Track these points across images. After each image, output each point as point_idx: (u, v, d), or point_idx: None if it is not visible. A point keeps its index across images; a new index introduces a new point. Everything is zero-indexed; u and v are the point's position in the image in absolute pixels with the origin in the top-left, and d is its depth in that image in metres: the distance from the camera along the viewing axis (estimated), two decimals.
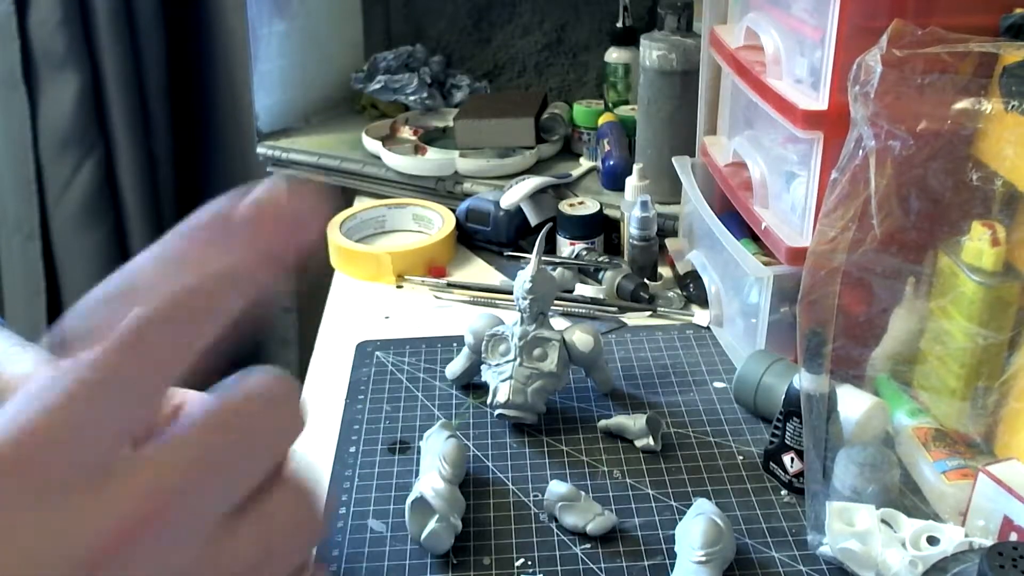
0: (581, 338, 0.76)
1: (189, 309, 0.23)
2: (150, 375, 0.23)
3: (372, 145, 1.21)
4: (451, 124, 1.23)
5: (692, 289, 0.94)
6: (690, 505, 0.64)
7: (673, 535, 0.63)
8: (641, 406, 0.78)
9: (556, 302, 0.94)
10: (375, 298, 0.99)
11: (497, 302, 0.96)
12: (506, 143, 1.18)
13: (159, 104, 1.40)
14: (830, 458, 0.63)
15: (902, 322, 0.70)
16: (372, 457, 0.73)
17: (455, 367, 0.81)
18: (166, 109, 1.41)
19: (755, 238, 0.84)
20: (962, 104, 0.61)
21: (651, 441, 0.72)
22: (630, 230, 0.96)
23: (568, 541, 0.64)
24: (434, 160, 1.16)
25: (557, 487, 0.66)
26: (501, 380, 0.74)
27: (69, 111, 1.32)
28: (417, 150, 1.19)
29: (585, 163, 1.18)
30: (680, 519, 0.64)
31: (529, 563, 0.62)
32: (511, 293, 0.97)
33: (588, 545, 0.64)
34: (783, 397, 0.67)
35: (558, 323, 0.92)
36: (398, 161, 1.16)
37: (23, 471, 0.21)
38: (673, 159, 0.97)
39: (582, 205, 1.03)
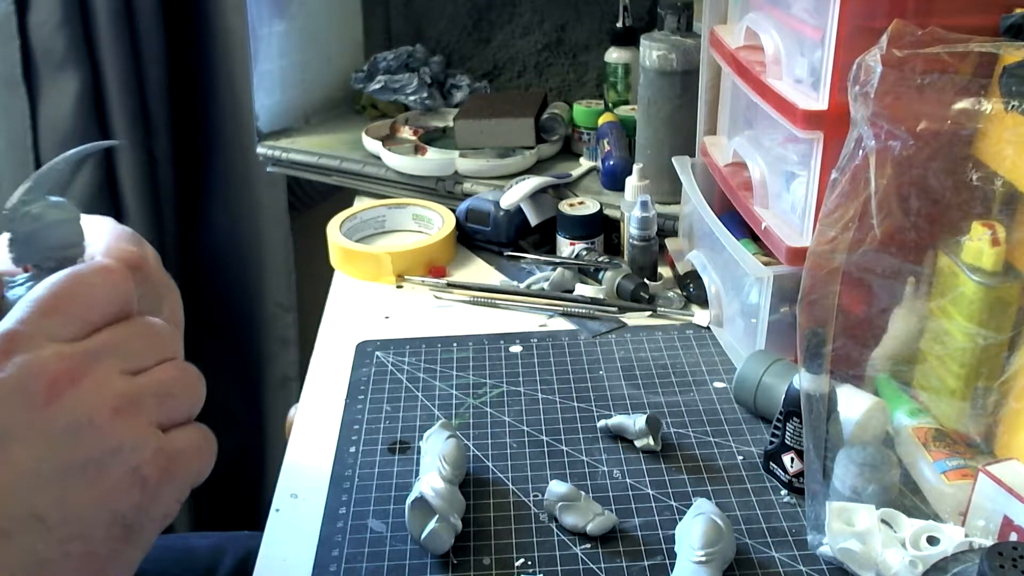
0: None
1: None
2: None
3: (372, 145, 1.21)
4: (451, 124, 1.23)
5: (692, 289, 0.94)
6: (690, 505, 0.64)
7: (673, 535, 0.64)
8: (641, 406, 0.78)
9: (556, 302, 0.94)
10: (375, 298, 0.99)
11: (497, 302, 0.96)
12: (506, 143, 1.18)
13: (159, 104, 1.40)
14: (830, 458, 0.63)
15: (902, 322, 0.70)
16: (372, 457, 0.73)
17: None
18: (166, 109, 1.41)
19: (755, 238, 0.84)
20: (962, 104, 0.61)
21: (651, 441, 0.72)
22: (630, 230, 0.96)
23: (568, 541, 0.64)
24: (434, 160, 1.16)
25: (557, 487, 0.66)
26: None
27: (69, 111, 1.32)
28: (417, 150, 1.19)
29: (585, 163, 1.18)
30: (680, 519, 0.64)
31: (529, 563, 0.62)
32: (511, 293, 0.98)
33: (588, 545, 0.64)
34: (783, 397, 0.67)
35: (558, 323, 0.92)
36: (398, 161, 1.16)
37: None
38: (673, 159, 0.97)
39: (582, 205, 1.03)
